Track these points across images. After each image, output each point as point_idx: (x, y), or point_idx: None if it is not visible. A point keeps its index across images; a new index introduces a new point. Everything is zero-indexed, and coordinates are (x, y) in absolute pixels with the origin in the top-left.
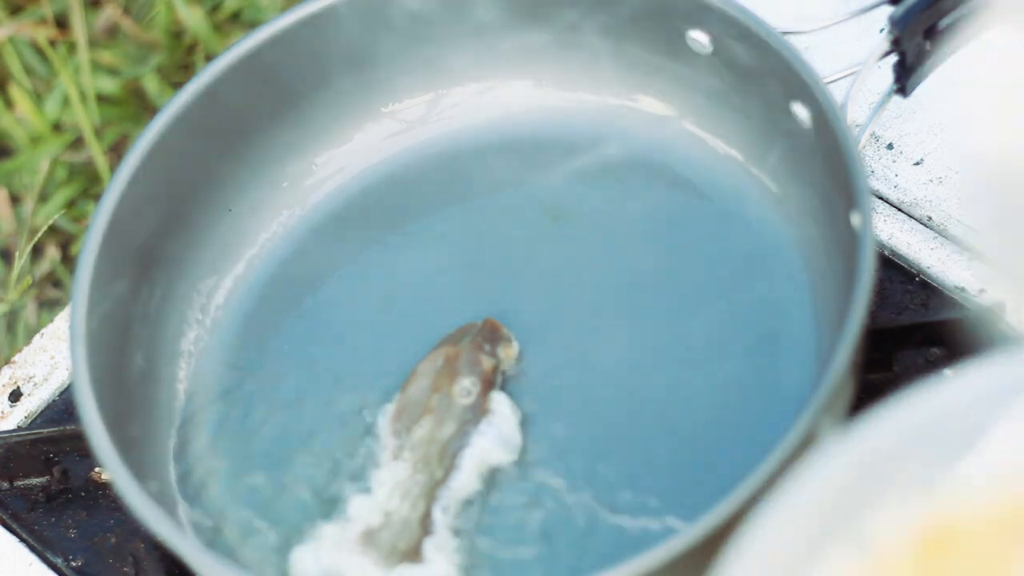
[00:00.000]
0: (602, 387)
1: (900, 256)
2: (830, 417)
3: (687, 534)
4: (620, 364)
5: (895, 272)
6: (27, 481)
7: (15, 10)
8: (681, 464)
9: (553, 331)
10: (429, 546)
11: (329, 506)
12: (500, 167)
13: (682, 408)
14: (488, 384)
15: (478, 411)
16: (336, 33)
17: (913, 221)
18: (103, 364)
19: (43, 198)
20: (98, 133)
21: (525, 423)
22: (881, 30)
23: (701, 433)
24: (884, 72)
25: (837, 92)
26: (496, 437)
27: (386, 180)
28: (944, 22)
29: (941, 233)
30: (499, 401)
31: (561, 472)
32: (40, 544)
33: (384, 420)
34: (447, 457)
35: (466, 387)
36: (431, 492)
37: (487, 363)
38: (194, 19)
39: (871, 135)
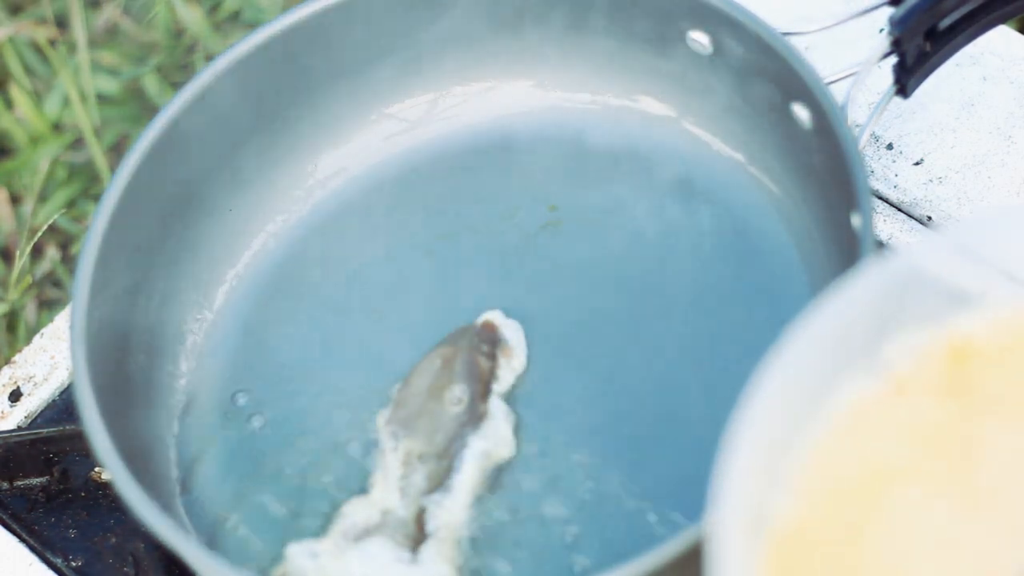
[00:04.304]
0: (601, 387)
1: None
2: None
3: (687, 534)
4: (619, 365)
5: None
6: (27, 481)
7: (15, 10)
8: (681, 465)
9: (552, 331)
10: (425, 547)
11: (327, 506)
12: (500, 167)
13: (682, 408)
14: (485, 386)
15: (475, 414)
16: (336, 33)
17: (913, 221)
18: (103, 364)
19: (43, 198)
20: (98, 133)
21: (523, 424)
22: (881, 31)
23: (701, 433)
24: (884, 72)
25: (837, 93)
26: (492, 440)
27: (386, 180)
28: (944, 23)
29: None
30: (494, 404)
31: (558, 473)
32: (40, 544)
33: (382, 420)
34: (444, 458)
35: (457, 395)
36: (427, 493)
37: (484, 364)
38: (194, 19)
39: (871, 135)
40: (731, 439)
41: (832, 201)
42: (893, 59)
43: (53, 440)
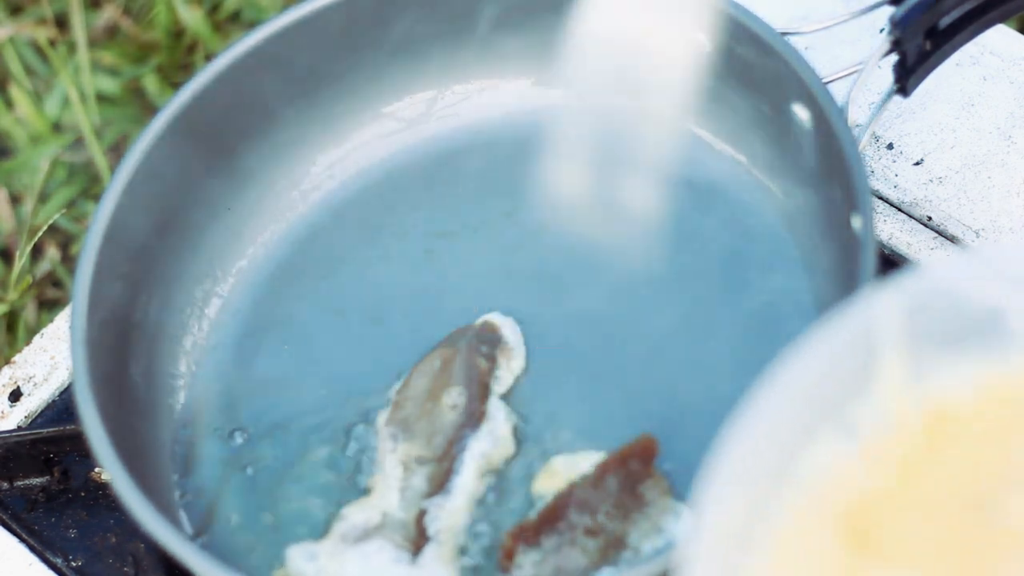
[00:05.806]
0: (600, 388)
1: (900, 256)
2: None
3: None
4: (619, 365)
5: (895, 272)
6: (27, 481)
7: (15, 10)
8: (682, 464)
9: (552, 331)
10: (426, 548)
11: (327, 507)
12: (500, 167)
13: (683, 409)
14: (484, 387)
15: (474, 416)
16: (335, 32)
17: (913, 221)
18: (103, 364)
19: (43, 198)
20: (98, 133)
21: (523, 426)
22: (881, 30)
23: (703, 434)
24: (884, 72)
25: (837, 92)
26: (491, 441)
27: (385, 179)
28: (944, 22)
29: (941, 233)
30: (494, 405)
31: None
32: (40, 544)
33: (381, 422)
34: (443, 461)
35: (455, 397)
36: (428, 495)
37: (483, 365)
38: (194, 19)
39: (871, 135)
40: (702, 500)
41: (832, 201)
42: (893, 59)
43: (53, 440)
